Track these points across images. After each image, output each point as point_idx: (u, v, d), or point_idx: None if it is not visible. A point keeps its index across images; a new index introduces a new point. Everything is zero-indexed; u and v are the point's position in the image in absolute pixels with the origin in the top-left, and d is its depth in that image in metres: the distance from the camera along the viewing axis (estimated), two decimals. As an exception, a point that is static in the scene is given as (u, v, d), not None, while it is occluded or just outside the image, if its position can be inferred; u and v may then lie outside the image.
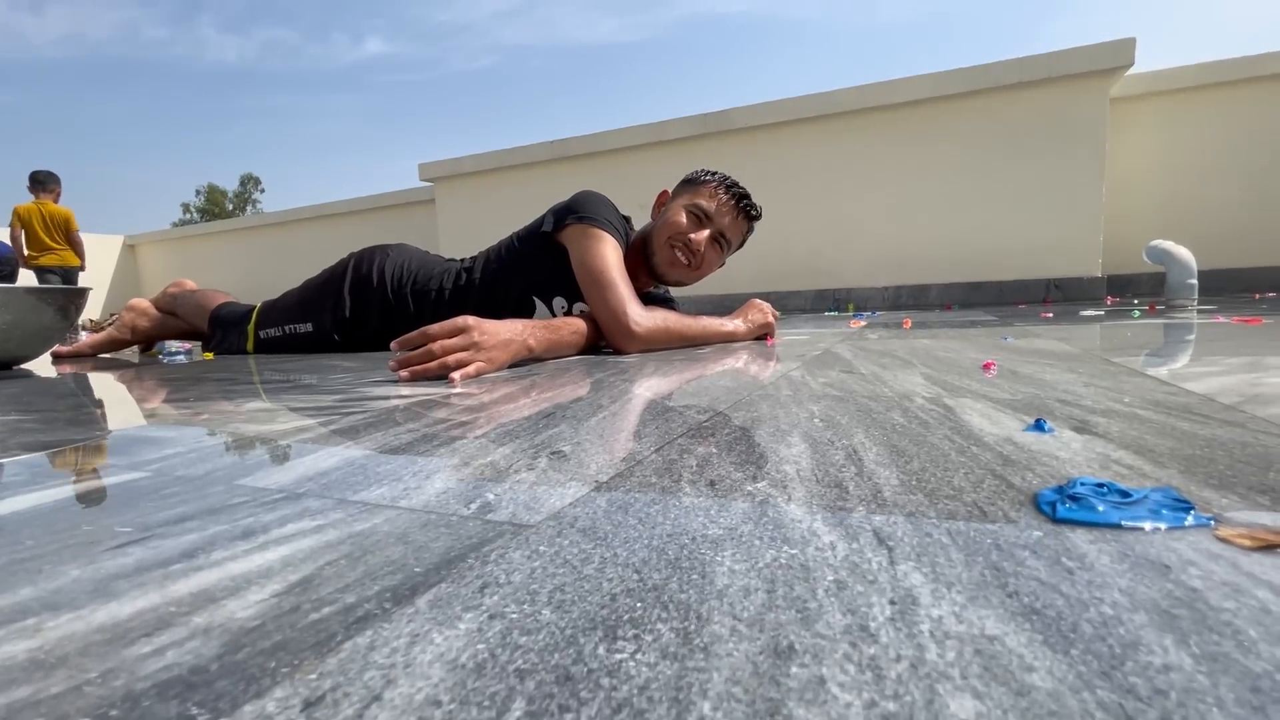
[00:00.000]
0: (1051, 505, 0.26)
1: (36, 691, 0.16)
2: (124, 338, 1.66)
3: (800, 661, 0.17)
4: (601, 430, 0.47)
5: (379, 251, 1.41)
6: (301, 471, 0.39)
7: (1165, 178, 3.09)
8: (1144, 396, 0.51)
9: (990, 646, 0.17)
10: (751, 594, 0.20)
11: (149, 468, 0.41)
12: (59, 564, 0.25)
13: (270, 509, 0.31)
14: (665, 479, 0.34)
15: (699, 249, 1.19)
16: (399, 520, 0.29)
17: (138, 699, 0.16)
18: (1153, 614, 0.18)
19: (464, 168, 4.18)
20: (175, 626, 0.20)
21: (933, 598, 0.20)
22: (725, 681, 0.16)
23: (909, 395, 0.56)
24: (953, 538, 0.24)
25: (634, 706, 0.15)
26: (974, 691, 0.15)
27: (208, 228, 5.94)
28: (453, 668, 0.17)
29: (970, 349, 0.95)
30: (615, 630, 0.19)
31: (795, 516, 0.27)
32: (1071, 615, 0.18)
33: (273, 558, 0.25)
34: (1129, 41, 2.73)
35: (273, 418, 0.59)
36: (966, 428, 0.43)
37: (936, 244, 3.15)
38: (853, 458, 0.37)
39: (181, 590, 0.22)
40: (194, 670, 0.17)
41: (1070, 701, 0.14)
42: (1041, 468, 0.33)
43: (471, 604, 0.21)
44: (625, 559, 0.24)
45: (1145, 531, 0.24)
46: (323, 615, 0.20)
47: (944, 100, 3.06)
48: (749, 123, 3.42)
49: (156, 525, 0.30)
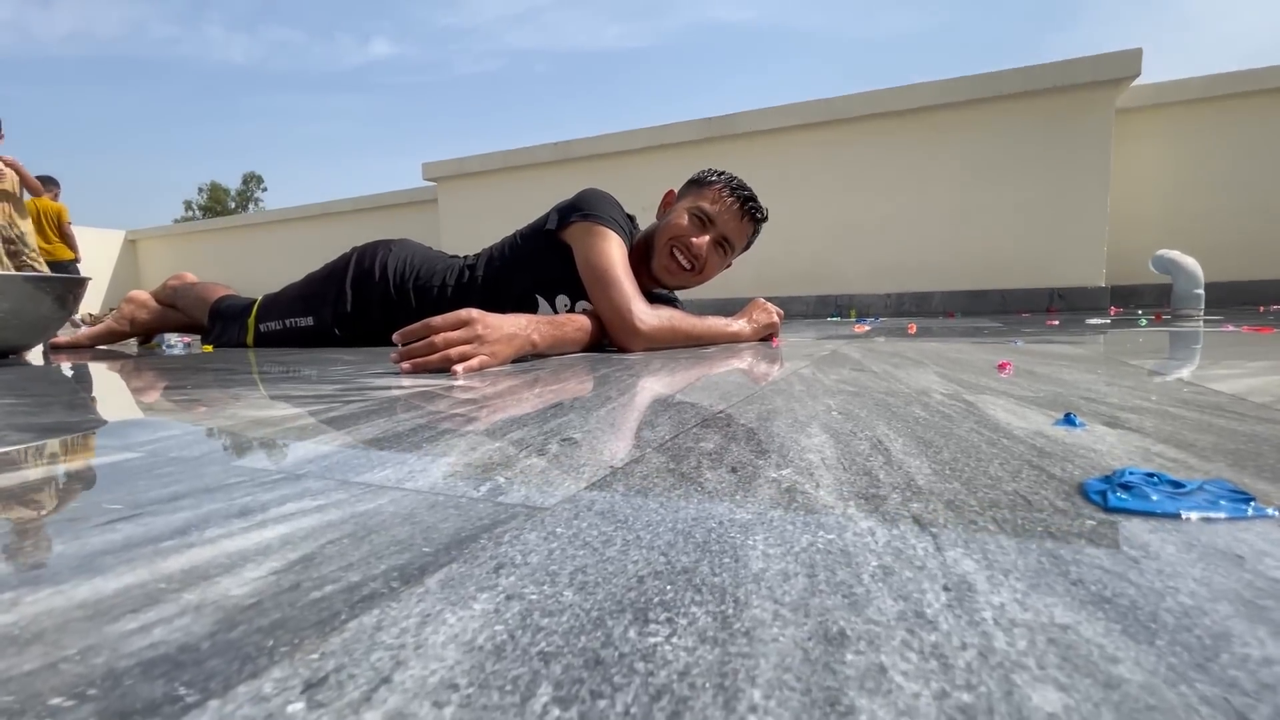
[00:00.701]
0: (1102, 494, 0.25)
1: (7, 668, 0.15)
2: (123, 329, 1.64)
3: (855, 648, 0.15)
4: (612, 419, 0.45)
5: (382, 246, 1.39)
6: (301, 454, 0.37)
7: (1171, 189, 3.08)
8: (1171, 395, 0.49)
9: (1064, 635, 0.15)
10: (791, 578, 0.19)
11: (142, 449, 0.40)
12: (42, 539, 0.24)
13: (269, 489, 0.30)
14: (684, 464, 0.32)
15: (700, 253, 1.17)
16: (405, 501, 0.27)
17: (119, 677, 0.14)
18: (1237, 605, 0.17)
19: (468, 168, 4.17)
20: (164, 603, 0.18)
21: (990, 584, 0.18)
22: (775, 668, 0.14)
23: (926, 391, 0.55)
24: (999, 525, 0.23)
25: (675, 693, 0.13)
26: (1057, 683, 0.13)
27: (209, 224, 5.93)
28: (469, 649, 0.15)
29: (981, 351, 0.93)
30: (646, 613, 0.17)
31: (827, 502, 0.26)
32: (1148, 605, 0.17)
33: (271, 536, 0.23)
34: (1135, 52, 2.73)
35: (271, 405, 0.57)
36: (992, 421, 0.41)
37: (940, 251, 3.14)
38: (879, 448, 0.35)
39: (172, 567, 0.21)
40: (183, 648, 0.16)
41: (1168, 695, 0.13)
42: (1081, 459, 0.31)
43: (486, 584, 0.19)
44: (650, 541, 0.22)
45: (1207, 521, 0.22)
46: (325, 594, 0.19)
47: (949, 108, 3.05)
48: (754, 127, 3.41)
49: (148, 503, 0.28)
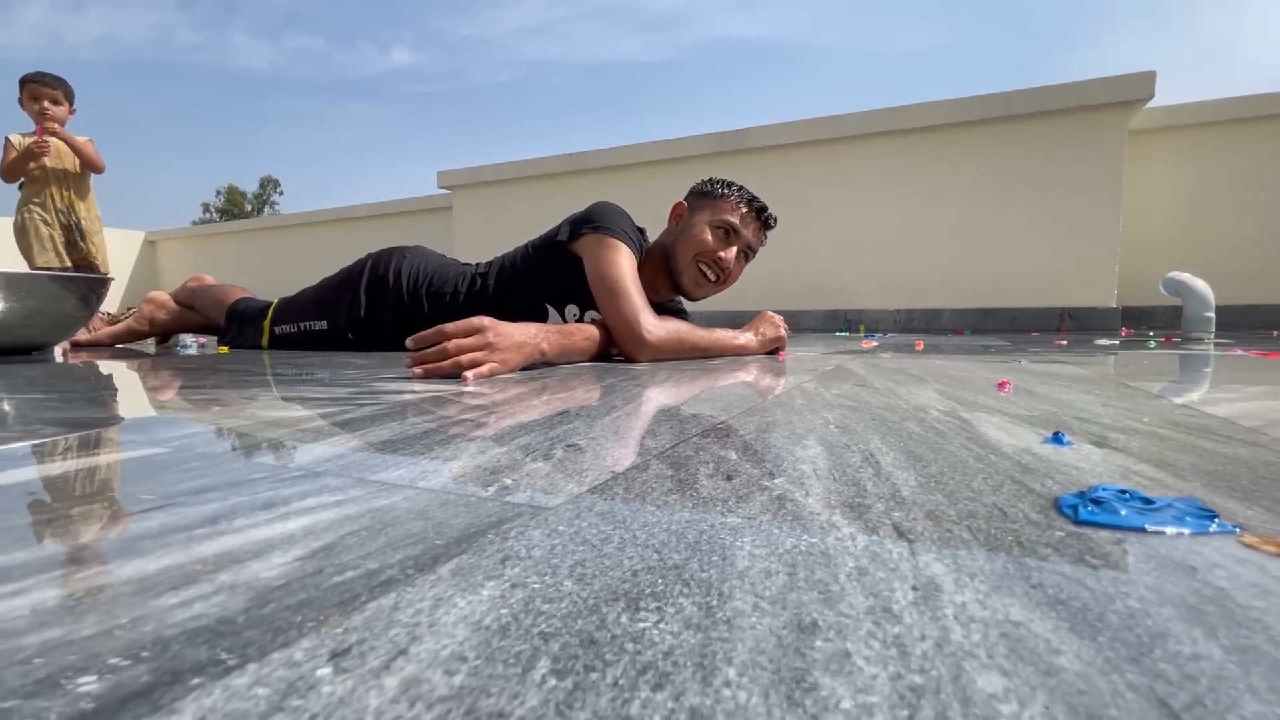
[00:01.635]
0: (1073, 508, 0.26)
1: (68, 633, 0.17)
2: (142, 329, 1.68)
3: (825, 636, 0.17)
4: (616, 427, 0.47)
5: (396, 253, 1.43)
6: (319, 453, 0.39)
7: (1183, 211, 3.08)
8: (1163, 417, 0.51)
9: (1016, 631, 0.17)
10: (772, 576, 0.20)
11: (169, 444, 0.42)
12: (84, 524, 0.26)
13: (289, 484, 0.32)
14: (682, 472, 0.34)
15: (729, 266, 1.20)
16: (418, 498, 0.29)
17: (167, 643, 0.16)
18: (1180, 609, 0.18)
19: (482, 176, 4.23)
20: (201, 582, 0.20)
21: (955, 586, 0.20)
22: (750, 651, 0.16)
23: (924, 408, 0.56)
24: (973, 534, 0.24)
25: (659, 669, 0.15)
26: (1001, 670, 0.15)
27: (227, 226, 6.03)
28: (477, 628, 0.17)
29: (984, 369, 0.95)
30: (638, 602, 0.19)
31: (814, 509, 0.27)
32: (1097, 607, 0.18)
33: (294, 527, 0.25)
34: (1149, 75, 2.74)
35: (287, 407, 0.59)
36: (983, 438, 0.43)
37: (950, 269, 3.14)
38: (870, 460, 0.36)
39: (206, 551, 0.23)
40: (221, 621, 0.17)
41: (1099, 682, 0.14)
42: (1061, 476, 0.33)
43: (493, 574, 0.21)
44: (645, 540, 0.24)
45: (1169, 535, 0.24)
46: (346, 578, 0.20)
47: (961, 126, 3.07)
48: (766, 142, 3.44)
49: (179, 494, 0.30)
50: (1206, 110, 3.01)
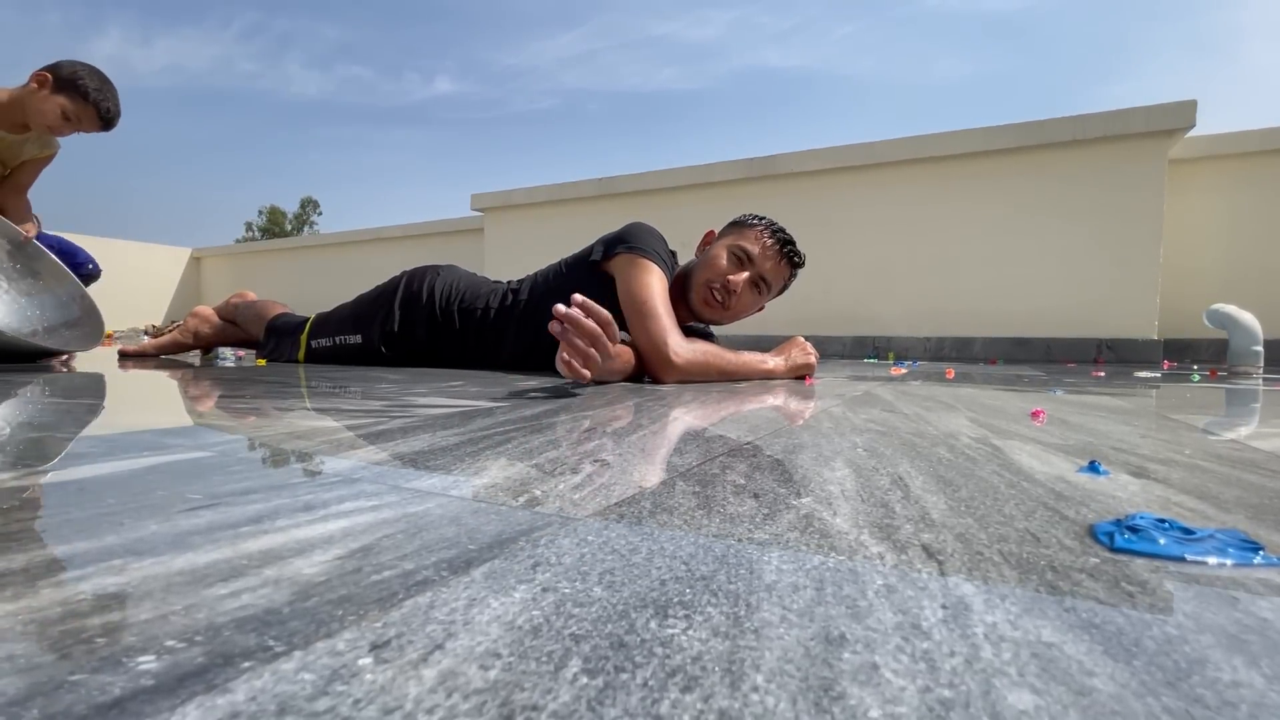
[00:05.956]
0: (1109, 535, 0.26)
1: (127, 616, 0.18)
2: (186, 341, 1.74)
3: (852, 649, 0.17)
4: (643, 445, 0.48)
5: (430, 271, 1.46)
6: (355, 461, 0.40)
7: (1227, 242, 2.99)
8: (1206, 450, 0.49)
9: (1048, 651, 0.17)
10: (800, 590, 0.21)
11: (213, 449, 0.44)
12: (138, 519, 0.27)
13: (328, 489, 0.33)
14: (709, 489, 0.34)
15: (735, 289, 1.20)
16: (451, 506, 0.30)
17: (219, 629, 0.17)
18: (1220, 636, 0.18)
19: (514, 199, 4.32)
20: (248, 576, 0.21)
21: (985, 606, 0.20)
22: (778, 660, 0.16)
23: (954, 434, 0.55)
24: (1005, 557, 0.24)
25: (688, 673, 0.15)
26: (1032, 688, 0.15)
27: (269, 245, 6.24)
28: (510, 628, 0.17)
29: (1017, 398, 0.93)
30: (666, 610, 0.19)
31: (842, 529, 0.27)
32: (1133, 632, 0.18)
33: (334, 528, 0.26)
34: (1190, 104, 2.69)
35: (323, 417, 0.61)
36: (1016, 465, 0.42)
37: (983, 297, 3.09)
38: (898, 483, 0.36)
39: (251, 548, 0.24)
40: (268, 611, 0.18)
41: (1134, 704, 0.14)
42: (1097, 504, 0.32)
43: (525, 578, 0.21)
44: (673, 552, 0.24)
45: (1210, 566, 0.23)
46: (384, 577, 0.21)
47: (996, 154, 3.05)
48: (796, 169, 3.45)
49: (224, 495, 0.31)
50: (1250, 140, 2.94)
